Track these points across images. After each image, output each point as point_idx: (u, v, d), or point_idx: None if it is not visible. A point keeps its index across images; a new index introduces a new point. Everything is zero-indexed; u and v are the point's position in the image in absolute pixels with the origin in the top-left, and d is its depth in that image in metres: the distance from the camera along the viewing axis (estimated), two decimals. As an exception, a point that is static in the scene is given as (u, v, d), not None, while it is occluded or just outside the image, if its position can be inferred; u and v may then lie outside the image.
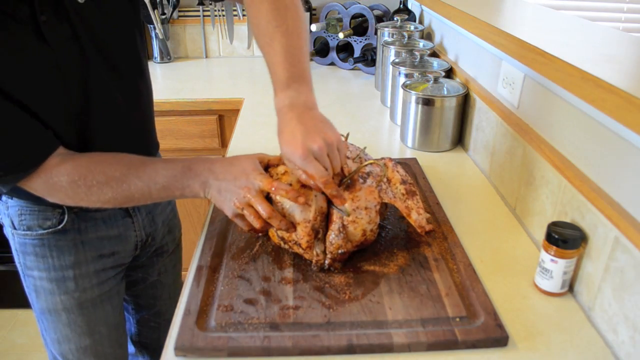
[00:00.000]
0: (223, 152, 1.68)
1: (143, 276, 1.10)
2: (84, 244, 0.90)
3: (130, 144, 0.85)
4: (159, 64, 2.00)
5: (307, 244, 0.76)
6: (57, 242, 0.88)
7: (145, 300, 1.14)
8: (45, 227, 0.86)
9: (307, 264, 0.79)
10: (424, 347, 0.65)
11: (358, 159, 0.82)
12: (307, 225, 0.75)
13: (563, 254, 0.72)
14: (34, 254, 0.88)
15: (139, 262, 1.05)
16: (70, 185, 0.73)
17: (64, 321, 0.95)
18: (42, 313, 0.95)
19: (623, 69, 0.69)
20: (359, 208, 0.76)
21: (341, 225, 0.76)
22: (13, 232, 0.88)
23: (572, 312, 0.73)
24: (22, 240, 0.88)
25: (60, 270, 0.89)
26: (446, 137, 1.23)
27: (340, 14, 1.87)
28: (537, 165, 0.88)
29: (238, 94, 1.67)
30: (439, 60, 1.38)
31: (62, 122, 0.76)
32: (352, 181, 0.77)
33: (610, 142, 0.68)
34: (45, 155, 0.72)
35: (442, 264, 0.79)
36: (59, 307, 0.93)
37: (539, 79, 0.89)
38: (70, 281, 0.91)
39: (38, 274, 0.90)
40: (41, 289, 0.91)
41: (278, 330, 0.66)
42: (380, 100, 1.58)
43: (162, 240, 1.08)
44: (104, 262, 0.93)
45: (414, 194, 0.83)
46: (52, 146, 0.73)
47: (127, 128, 0.88)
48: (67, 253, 0.89)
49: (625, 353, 0.64)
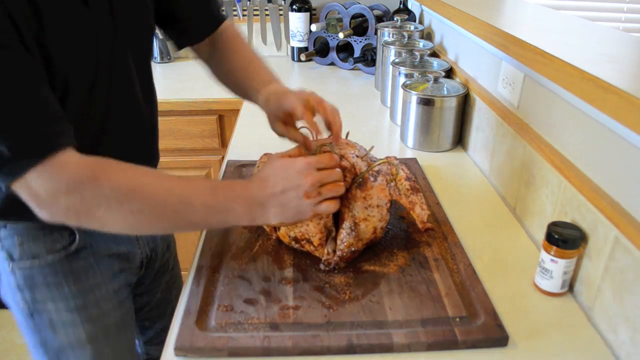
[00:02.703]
0: (223, 152, 1.68)
1: (148, 299, 1.05)
2: (97, 263, 0.82)
3: (139, 148, 0.82)
4: (159, 64, 2.00)
5: (319, 241, 0.77)
6: (72, 265, 0.79)
7: (151, 322, 1.10)
8: (55, 250, 0.77)
9: (307, 264, 0.79)
10: (424, 347, 0.65)
11: (367, 158, 0.83)
12: (319, 222, 0.76)
13: (563, 254, 0.72)
14: (46, 284, 0.78)
15: (144, 284, 1.00)
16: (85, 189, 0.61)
17: (90, 355, 0.84)
18: (62, 351, 0.83)
19: (623, 69, 0.69)
20: (371, 206, 0.77)
21: (353, 224, 0.77)
22: (12, 265, 0.77)
23: (572, 312, 0.73)
24: (28, 272, 0.77)
25: (80, 296, 0.80)
26: (446, 137, 1.23)
27: (340, 14, 1.87)
28: (537, 165, 0.88)
29: (238, 94, 1.67)
30: (439, 60, 1.38)
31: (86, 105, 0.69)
32: (363, 180, 0.78)
33: (610, 142, 0.68)
34: (63, 142, 0.61)
35: (442, 264, 0.79)
36: (83, 338, 0.82)
37: (539, 79, 0.89)
38: (93, 307, 0.82)
39: (54, 306, 0.79)
40: (60, 323, 0.81)
41: (278, 330, 0.66)
42: (380, 100, 1.58)
43: (163, 258, 1.04)
44: (118, 280, 0.87)
45: (418, 191, 0.85)
46: (71, 137, 0.62)
47: (141, 128, 0.84)
48: (84, 276, 0.80)
49: (625, 353, 0.64)
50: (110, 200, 0.61)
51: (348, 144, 0.84)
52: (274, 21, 2.04)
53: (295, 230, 0.78)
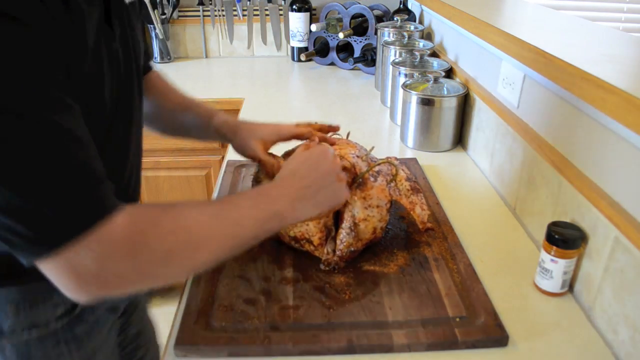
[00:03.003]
0: (223, 152, 1.67)
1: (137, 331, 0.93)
2: (98, 321, 0.73)
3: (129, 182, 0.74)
4: (159, 64, 2.00)
5: (319, 241, 0.77)
6: (74, 330, 0.69)
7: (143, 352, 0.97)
8: (57, 316, 0.66)
9: (307, 264, 0.79)
10: (424, 347, 0.65)
11: (367, 158, 0.83)
12: (319, 222, 0.76)
13: (563, 254, 0.72)
14: (45, 357, 0.67)
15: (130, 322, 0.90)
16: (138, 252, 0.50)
17: None
18: None
19: (623, 69, 0.69)
20: (371, 206, 0.77)
21: (352, 224, 0.77)
22: (1, 341, 0.65)
23: (572, 312, 0.73)
24: (23, 348, 0.65)
25: None
26: (446, 137, 1.23)
27: (340, 14, 1.87)
28: (537, 165, 0.88)
29: (238, 94, 1.67)
30: (439, 60, 1.38)
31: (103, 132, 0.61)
32: (363, 180, 0.78)
33: (610, 142, 0.68)
34: (110, 205, 0.50)
35: (442, 264, 0.79)
36: None
37: (539, 79, 0.89)
38: None
39: None
40: None
41: (278, 330, 0.66)
42: (380, 100, 1.58)
43: None
44: (112, 334, 0.79)
45: (418, 191, 0.85)
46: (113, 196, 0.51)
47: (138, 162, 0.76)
48: (87, 339, 0.70)
49: (625, 353, 0.64)
50: (168, 254, 0.52)
51: (348, 144, 0.84)
52: (274, 21, 2.04)
53: (295, 230, 0.78)
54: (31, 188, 0.46)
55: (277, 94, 1.68)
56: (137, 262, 0.50)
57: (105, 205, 0.50)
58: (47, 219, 0.47)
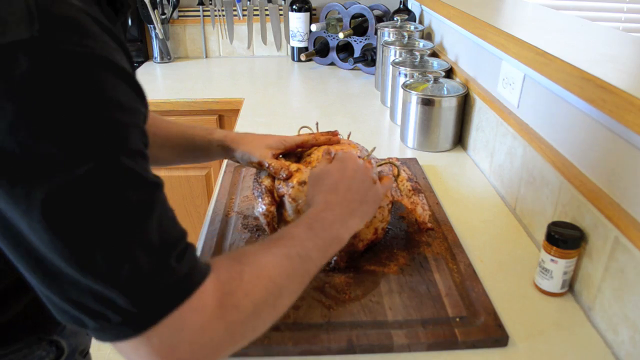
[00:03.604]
0: (223, 152, 1.68)
1: None
2: None
3: None
4: (159, 64, 2.00)
5: None
6: None
7: None
8: None
9: (307, 264, 0.79)
10: (424, 347, 0.65)
11: (368, 159, 0.83)
12: None
13: (563, 254, 0.72)
14: None
15: None
16: (228, 316, 0.47)
17: None
18: None
19: (623, 69, 0.69)
20: None
21: None
22: None
23: (572, 312, 0.73)
24: None
25: None
26: (446, 137, 1.23)
27: (340, 14, 1.87)
28: (537, 165, 0.88)
29: (238, 94, 1.67)
30: (439, 60, 1.38)
31: None
32: None
33: (610, 142, 0.68)
34: (198, 275, 0.46)
35: (442, 264, 0.79)
36: None
37: (539, 79, 0.89)
38: None
39: None
40: None
41: (278, 330, 0.66)
42: (380, 100, 1.58)
43: None
44: None
45: (420, 191, 0.86)
46: (199, 261, 0.47)
47: None
48: None
49: (625, 353, 0.64)
50: (255, 309, 0.49)
51: (350, 145, 0.84)
52: (274, 21, 2.04)
53: None
54: (137, 253, 0.40)
55: (277, 94, 1.68)
56: (229, 324, 0.47)
57: (198, 269, 0.46)
58: (152, 290, 0.41)
